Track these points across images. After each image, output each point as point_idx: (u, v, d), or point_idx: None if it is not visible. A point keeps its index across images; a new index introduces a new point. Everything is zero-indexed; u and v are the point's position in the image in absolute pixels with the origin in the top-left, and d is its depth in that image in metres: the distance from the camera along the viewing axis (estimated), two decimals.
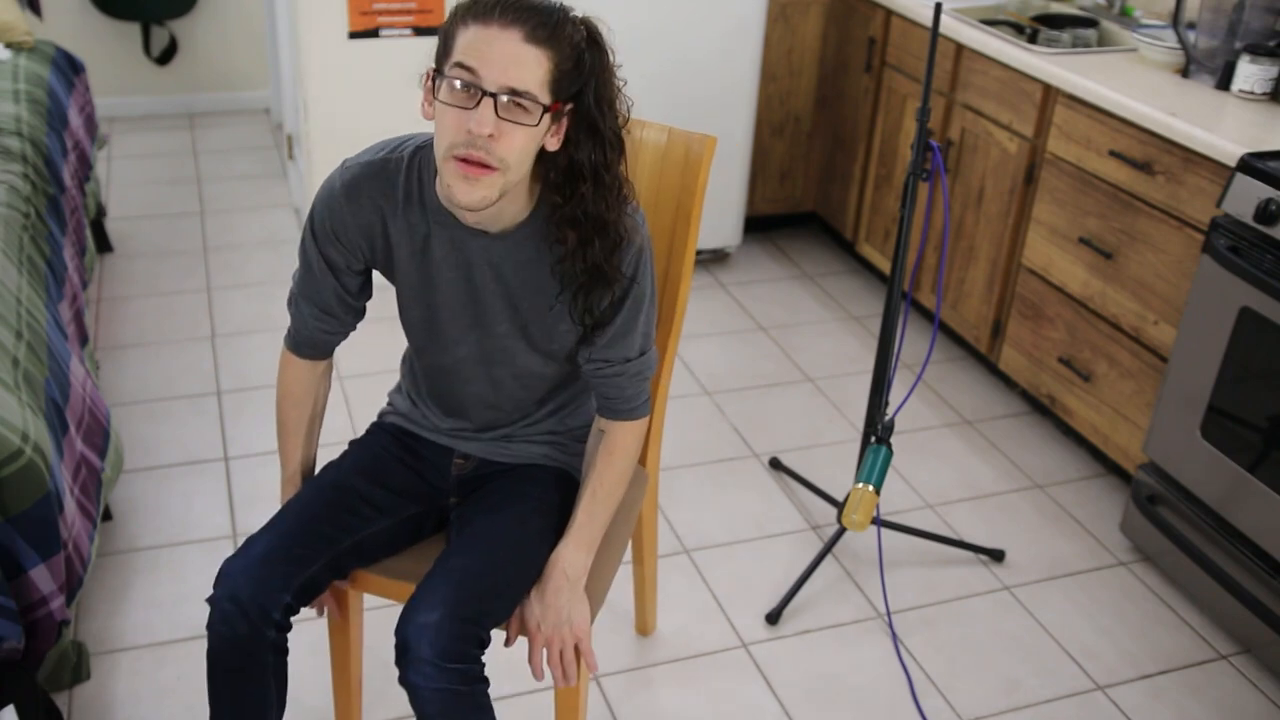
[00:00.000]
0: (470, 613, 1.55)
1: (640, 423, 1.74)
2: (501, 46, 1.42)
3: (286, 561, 1.61)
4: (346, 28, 3.28)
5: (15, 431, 1.78)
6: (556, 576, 1.65)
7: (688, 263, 1.90)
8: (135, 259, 3.74)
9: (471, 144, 1.44)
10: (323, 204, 1.64)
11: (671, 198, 1.90)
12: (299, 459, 1.84)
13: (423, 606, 1.54)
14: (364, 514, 1.71)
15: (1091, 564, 2.63)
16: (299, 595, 1.62)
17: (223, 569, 1.61)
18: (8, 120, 2.87)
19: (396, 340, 1.79)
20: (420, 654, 1.51)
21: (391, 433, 1.85)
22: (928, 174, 2.26)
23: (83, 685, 2.15)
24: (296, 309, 1.73)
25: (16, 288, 2.23)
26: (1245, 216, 2.27)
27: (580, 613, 1.65)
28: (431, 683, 1.51)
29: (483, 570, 1.60)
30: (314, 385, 1.81)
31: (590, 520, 1.69)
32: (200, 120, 4.96)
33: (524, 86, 1.43)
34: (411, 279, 1.66)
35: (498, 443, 1.81)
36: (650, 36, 3.46)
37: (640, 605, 2.29)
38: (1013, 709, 2.23)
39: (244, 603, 1.57)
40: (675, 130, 1.90)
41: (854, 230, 3.82)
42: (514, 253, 1.61)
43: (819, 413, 3.13)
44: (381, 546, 1.74)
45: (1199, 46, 2.76)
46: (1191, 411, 2.43)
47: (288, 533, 1.65)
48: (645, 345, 1.69)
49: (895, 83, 3.49)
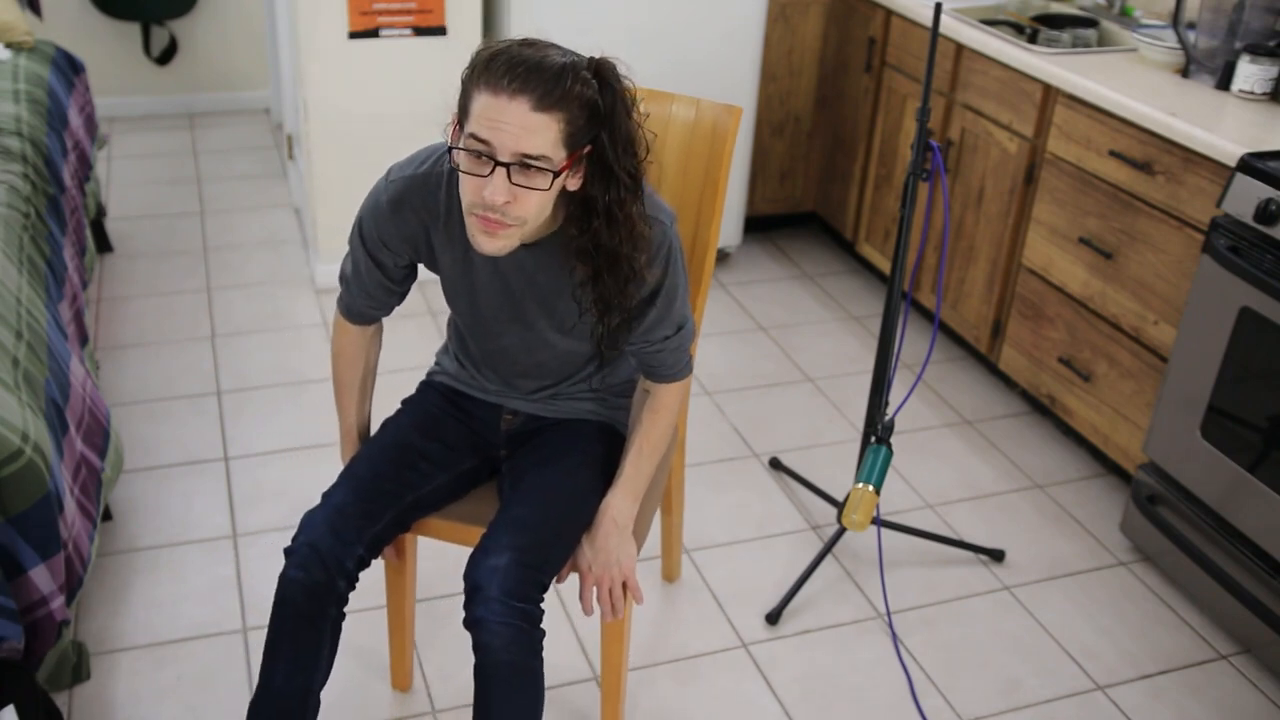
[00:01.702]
0: (534, 559, 1.70)
1: (683, 382, 1.86)
2: (511, 116, 1.47)
3: (360, 516, 1.74)
4: (346, 28, 3.28)
5: (15, 431, 1.78)
6: (607, 523, 1.79)
7: (714, 228, 2.05)
8: (135, 259, 3.74)
9: (488, 208, 1.52)
10: (370, 215, 1.74)
11: (700, 165, 2.05)
12: (355, 415, 1.96)
13: (492, 551, 1.68)
14: (423, 470, 1.84)
15: (1091, 564, 2.63)
16: (370, 548, 1.75)
17: (304, 519, 1.74)
18: (8, 120, 2.87)
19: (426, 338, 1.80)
20: (490, 593, 1.65)
21: (441, 391, 1.96)
22: (928, 174, 2.26)
23: (83, 685, 2.15)
24: (346, 287, 1.84)
25: (16, 288, 2.23)
26: (1245, 216, 2.27)
27: (629, 553, 1.80)
28: (500, 618, 1.64)
29: (542, 520, 1.75)
30: (365, 346, 1.92)
31: (637, 473, 1.83)
32: (200, 120, 4.96)
33: (536, 151, 1.49)
34: (454, 281, 1.78)
35: (544, 400, 1.92)
36: (650, 37, 3.46)
37: (667, 552, 2.45)
38: (1013, 709, 2.23)
39: (323, 551, 1.70)
40: (704, 102, 2.05)
41: (854, 230, 3.82)
42: (546, 261, 1.70)
43: (819, 413, 3.13)
44: (441, 499, 1.88)
45: (1199, 46, 2.76)
46: (1191, 411, 2.43)
47: (359, 489, 1.77)
48: (682, 321, 1.79)
49: (895, 83, 3.49)
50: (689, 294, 1.80)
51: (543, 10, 3.33)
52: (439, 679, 2.21)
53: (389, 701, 2.16)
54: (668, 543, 2.43)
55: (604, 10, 3.40)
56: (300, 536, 1.73)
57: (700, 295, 2.07)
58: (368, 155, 3.38)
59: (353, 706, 2.14)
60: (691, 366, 1.87)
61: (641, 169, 1.61)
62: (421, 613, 2.35)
